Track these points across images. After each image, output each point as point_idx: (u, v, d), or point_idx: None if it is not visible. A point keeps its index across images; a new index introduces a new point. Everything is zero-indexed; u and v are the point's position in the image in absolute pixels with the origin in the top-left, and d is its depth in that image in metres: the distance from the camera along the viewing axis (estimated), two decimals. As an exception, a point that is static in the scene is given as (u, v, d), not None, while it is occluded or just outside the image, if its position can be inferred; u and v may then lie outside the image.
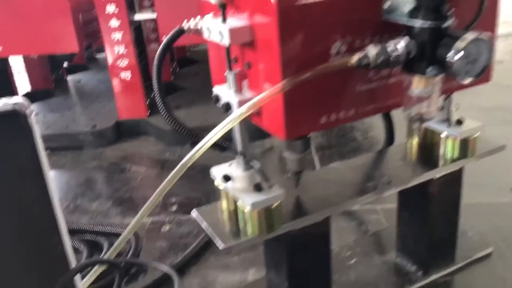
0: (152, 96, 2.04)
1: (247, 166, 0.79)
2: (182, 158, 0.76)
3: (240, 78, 0.73)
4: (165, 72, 2.38)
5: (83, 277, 0.77)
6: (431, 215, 0.96)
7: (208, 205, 0.87)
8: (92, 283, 0.79)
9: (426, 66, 0.66)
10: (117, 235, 1.23)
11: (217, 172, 0.82)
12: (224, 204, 0.84)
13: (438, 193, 0.94)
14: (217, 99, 0.75)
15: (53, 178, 1.66)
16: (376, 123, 1.86)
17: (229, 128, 0.68)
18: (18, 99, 0.61)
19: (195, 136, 0.75)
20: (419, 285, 1.01)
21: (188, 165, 0.71)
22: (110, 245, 1.17)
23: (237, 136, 0.77)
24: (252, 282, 1.04)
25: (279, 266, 0.86)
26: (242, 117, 0.67)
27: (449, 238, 1.02)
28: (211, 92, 0.77)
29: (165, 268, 1.08)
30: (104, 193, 1.52)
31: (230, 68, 0.72)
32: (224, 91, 0.74)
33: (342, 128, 1.83)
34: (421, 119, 0.71)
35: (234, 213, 0.82)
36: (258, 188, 0.76)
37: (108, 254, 0.71)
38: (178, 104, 2.00)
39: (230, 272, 1.10)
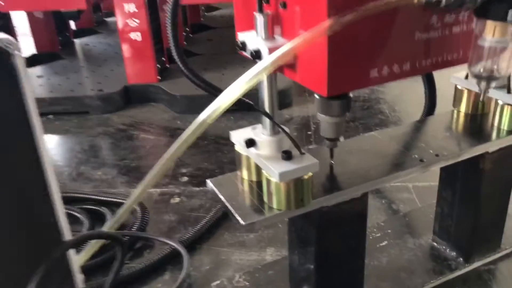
0: (162, 59, 1.92)
1: (275, 130, 0.67)
2: None
3: (272, 22, 0.60)
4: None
5: (80, 252, 0.66)
6: (480, 194, 0.84)
7: (226, 174, 0.75)
8: (91, 258, 0.67)
9: (507, 8, 0.53)
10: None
11: (238, 136, 0.70)
12: (245, 173, 0.72)
13: (490, 170, 0.82)
14: (243, 45, 0.62)
15: (56, 144, 1.55)
16: (404, 95, 1.73)
17: (257, 79, 0.56)
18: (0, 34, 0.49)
19: (214, 89, 0.62)
20: (460, 273, 0.89)
21: (208, 122, 0.59)
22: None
23: (265, 93, 0.65)
24: (270, 263, 0.93)
25: (306, 247, 0.74)
26: (275, 66, 0.55)
27: (497, 220, 0.90)
28: (225, 58, 0.65)
29: (173, 243, 0.97)
30: (110, 161, 1.41)
31: (261, 9, 0.60)
32: (252, 38, 0.62)
33: (367, 100, 1.70)
34: (490, 77, 0.59)
35: (257, 184, 0.70)
36: (287, 155, 0.64)
37: (109, 226, 0.60)
38: (191, 70, 1.87)
39: (246, 251, 0.99)
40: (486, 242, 0.90)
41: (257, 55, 0.58)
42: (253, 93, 0.62)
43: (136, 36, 1.72)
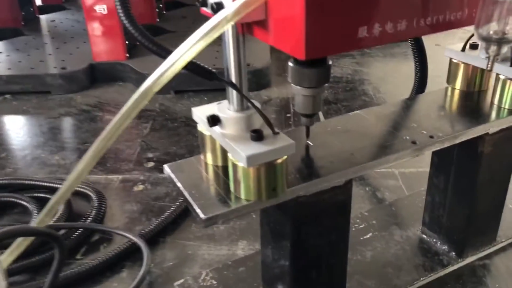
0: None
1: (243, 105, 0.56)
2: (164, 108, 0.54)
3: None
4: (149, 14, 2.11)
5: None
6: (476, 181, 0.74)
7: (188, 159, 0.64)
8: (24, 258, 0.56)
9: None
10: (80, 193, 1.01)
11: (201, 113, 0.59)
12: (209, 157, 0.61)
13: (490, 153, 0.72)
14: (203, 1, 0.51)
15: (12, 125, 1.42)
16: (390, 76, 1.63)
17: (216, 34, 0.45)
18: None
19: (167, 53, 0.51)
20: (452, 269, 0.80)
21: (154, 91, 0.47)
22: (68, 207, 0.95)
23: (231, 59, 0.54)
24: (242, 258, 0.83)
25: (280, 242, 0.64)
26: (239, 17, 0.44)
27: (494, 210, 0.81)
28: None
29: (132, 236, 0.86)
30: (70, 144, 1.29)
31: (223, -47, 0.48)
32: (213, -10, 0.50)
33: (351, 81, 1.60)
34: (502, 40, 0.48)
35: (224, 170, 0.60)
36: (258, 135, 0.53)
37: (38, 220, 0.49)
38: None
39: (215, 245, 0.88)
40: (481, 234, 0.81)
41: (218, 8, 0.47)
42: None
43: (101, 9, 1.59)
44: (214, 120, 0.56)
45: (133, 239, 0.85)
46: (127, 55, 1.66)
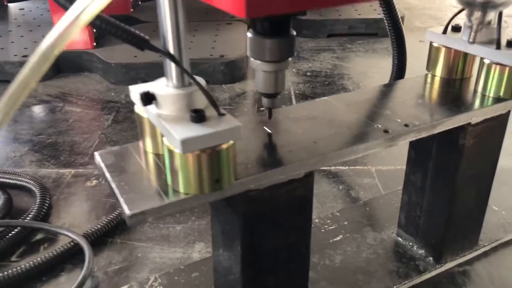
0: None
1: (183, 80, 0.47)
2: (130, 99, 0.46)
3: None
4: (123, 4, 2.02)
5: None
6: (457, 178, 0.67)
7: (124, 145, 0.55)
8: None
9: None
10: (23, 187, 0.91)
11: (138, 92, 0.50)
12: (149, 143, 0.53)
13: (472, 146, 0.64)
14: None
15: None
16: (370, 72, 1.56)
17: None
18: None
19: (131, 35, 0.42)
20: (429, 275, 0.72)
21: (55, 53, 0.38)
22: (7, 202, 0.85)
23: (167, 22, 0.45)
24: (196, 262, 0.74)
25: (231, 244, 0.55)
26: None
27: (476, 211, 0.73)
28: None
29: (74, 236, 0.77)
30: (23, 136, 1.19)
31: None
32: None
33: (330, 75, 1.52)
34: (487, 4, 0.40)
35: (160, 158, 0.51)
36: (198, 116, 0.45)
37: None
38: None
39: (169, 246, 0.79)
40: (462, 238, 0.74)
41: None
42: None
43: (66, -6, 1.49)
44: (148, 98, 0.47)
45: (75, 239, 0.76)
46: (94, 44, 1.57)
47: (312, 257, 0.74)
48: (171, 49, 0.46)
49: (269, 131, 0.57)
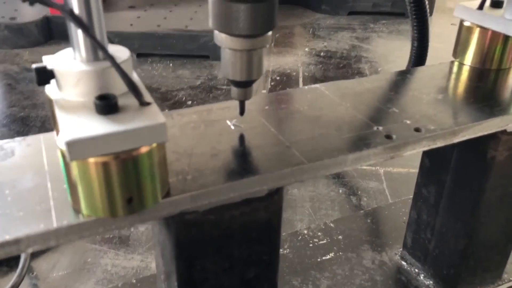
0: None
1: (95, 53, 0.33)
2: None
3: None
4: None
5: None
6: (482, 198, 0.51)
7: (34, 136, 0.42)
8: None
9: None
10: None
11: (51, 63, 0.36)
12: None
13: (504, 161, 0.49)
14: None
15: None
16: (392, 55, 1.39)
17: None
18: None
19: None
20: (436, 315, 0.58)
21: None
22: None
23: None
24: (152, 276, 0.61)
25: (169, 275, 0.42)
26: None
27: (502, 241, 0.58)
28: None
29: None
30: (-5, 107, 1.07)
31: None
32: None
33: (346, 57, 1.35)
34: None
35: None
36: (105, 105, 0.31)
37: None
38: (132, 4, 1.51)
39: (126, 252, 0.67)
40: (482, 270, 0.59)
41: None
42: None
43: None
44: (43, 75, 0.33)
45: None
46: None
47: (293, 279, 0.61)
48: (76, 8, 0.32)
49: (232, 127, 0.43)
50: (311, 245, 0.66)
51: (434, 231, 0.58)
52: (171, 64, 1.26)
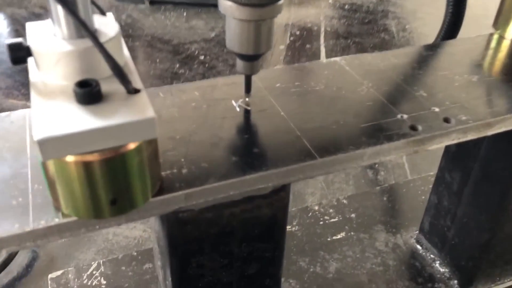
0: None
1: (78, 27, 0.29)
2: (130, 21, 0.34)
3: None
4: None
5: None
6: (510, 193, 0.47)
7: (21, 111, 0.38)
8: None
9: None
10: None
11: (38, 35, 0.32)
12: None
13: (542, 156, 0.44)
14: None
15: None
16: (421, 11, 1.30)
17: None
18: None
19: None
20: (450, 306, 0.55)
21: None
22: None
23: None
24: (152, 250, 0.59)
25: (165, 268, 0.39)
26: None
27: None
28: None
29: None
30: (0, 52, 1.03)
31: None
32: None
33: (372, 11, 1.27)
34: None
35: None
36: (86, 94, 0.27)
37: None
38: None
39: (126, 225, 0.64)
40: (504, 262, 0.55)
41: None
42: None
43: None
44: (18, 52, 0.29)
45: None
46: (102, -50, 1.35)
47: (300, 259, 0.58)
48: (50, -27, 0.27)
49: (237, 109, 0.38)
50: (321, 222, 0.63)
51: (455, 219, 0.54)
52: (185, 13, 1.19)
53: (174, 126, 0.36)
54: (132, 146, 0.27)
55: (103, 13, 0.32)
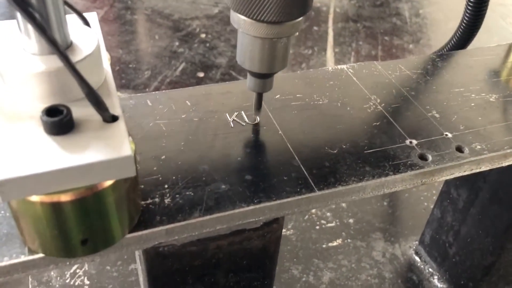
0: None
1: (40, 24, 0.25)
2: None
3: None
4: None
5: None
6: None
7: None
8: None
9: None
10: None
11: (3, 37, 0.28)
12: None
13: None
14: None
15: None
16: (436, -6, 1.24)
17: None
18: None
19: None
20: (445, 326, 0.53)
21: None
22: None
23: None
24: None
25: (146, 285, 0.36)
26: None
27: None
28: None
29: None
30: None
31: None
32: None
33: (383, -7, 1.21)
34: None
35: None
36: (54, 123, 0.23)
37: None
38: None
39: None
40: (505, 283, 0.52)
41: None
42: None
43: None
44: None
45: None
46: None
47: (292, 267, 0.56)
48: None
49: (231, 125, 0.35)
50: (317, 227, 0.60)
51: (458, 236, 0.51)
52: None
53: (161, 144, 0.33)
54: (106, 184, 0.24)
55: (82, 18, 0.29)
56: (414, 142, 0.35)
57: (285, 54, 0.32)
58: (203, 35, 0.99)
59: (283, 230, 0.59)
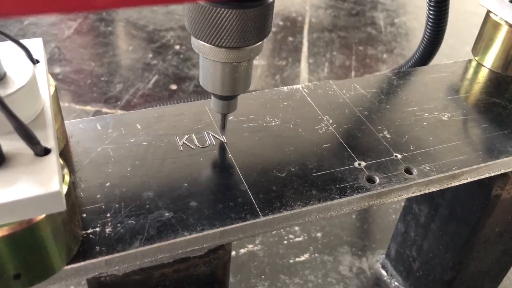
0: None
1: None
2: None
3: None
4: None
5: None
6: (480, 233, 0.44)
7: None
8: None
9: None
10: None
11: None
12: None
13: (508, 200, 0.41)
14: None
15: None
16: (411, 5, 1.25)
17: None
18: None
19: None
20: None
21: None
22: None
23: None
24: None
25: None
26: None
27: (494, 273, 0.51)
28: None
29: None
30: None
31: None
32: None
33: (360, 2, 1.22)
34: None
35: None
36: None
37: None
38: None
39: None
40: (468, 297, 0.53)
41: None
42: None
43: None
44: None
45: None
46: None
47: (259, 283, 0.55)
48: None
49: (180, 149, 0.35)
50: (285, 242, 0.60)
51: (421, 251, 0.52)
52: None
53: (107, 170, 0.32)
54: (37, 218, 0.24)
55: (22, 47, 0.29)
56: (363, 164, 0.35)
57: (246, 76, 0.32)
58: (177, 47, 0.99)
59: (250, 246, 0.59)
